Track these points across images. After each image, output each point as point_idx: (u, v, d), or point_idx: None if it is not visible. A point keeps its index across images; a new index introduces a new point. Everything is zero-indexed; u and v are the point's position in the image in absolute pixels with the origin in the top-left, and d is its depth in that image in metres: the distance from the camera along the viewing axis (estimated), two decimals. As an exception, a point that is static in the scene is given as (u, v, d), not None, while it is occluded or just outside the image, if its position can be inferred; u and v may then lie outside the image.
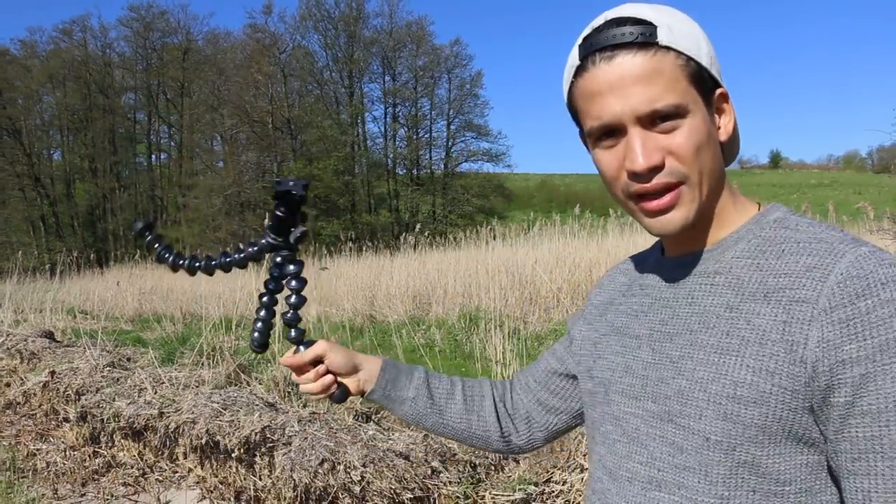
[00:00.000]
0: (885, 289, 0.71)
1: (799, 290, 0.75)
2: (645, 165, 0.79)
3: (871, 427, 0.71)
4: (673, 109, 0.79)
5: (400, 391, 1.12)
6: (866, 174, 69.05)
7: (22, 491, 3.93)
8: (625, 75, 0.79)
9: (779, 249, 0.81)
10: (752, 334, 0.77)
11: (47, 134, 44.72)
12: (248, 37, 43.16)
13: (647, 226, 0.85)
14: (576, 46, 0.85)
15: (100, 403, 5.25)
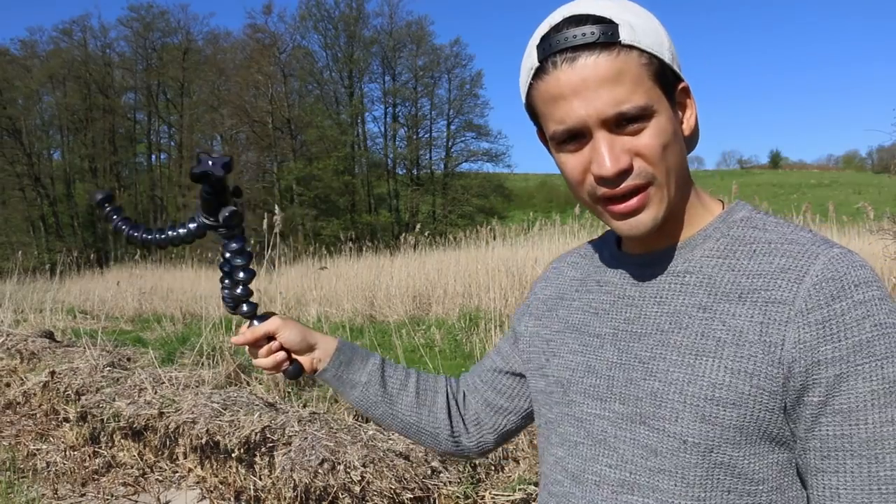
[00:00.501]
0: (858, 290, 0.73)
1: (775, 291, 0.76)
2: (613, 170, 0.77)
3: (842, 426, 0.73)
4: (639, 111, 0.77)
5: (353, 374, 1.09)
6: (866, 174, 69.01)
7: (22, 491, 3.93)
8: (588, 78, 0.76)
9: (750, 249, 0.81)
10: (728, 335, 0.77)
11: (47, 134, 44.70)
12: (248, 37, 43.18)
13: (615, 228, 0.83)
14: (533, 47, 0.81)
15: (100, 403, 5.25)
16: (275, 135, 40.69)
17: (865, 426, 0.72)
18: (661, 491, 0.80)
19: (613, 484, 0.84)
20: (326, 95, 45.24)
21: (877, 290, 0.74)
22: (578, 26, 0.77)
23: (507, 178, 50.48)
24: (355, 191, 42.43)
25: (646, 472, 0.81)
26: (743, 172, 74.79)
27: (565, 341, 0.94)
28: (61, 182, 43.84)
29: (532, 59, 0.81)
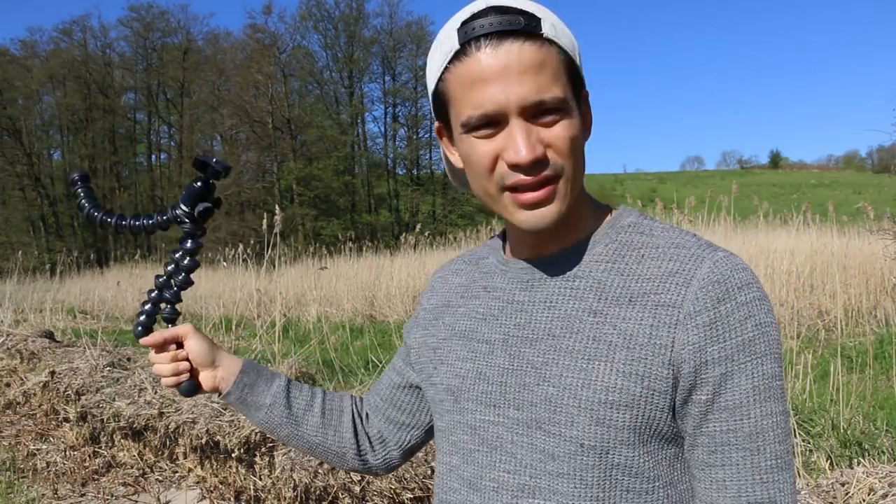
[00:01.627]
0: (741, 292, 0.77)
1: (664, 295, 0.78)
2: (530, 157, 0.77)
3: (728, 421, 0.77)
4: (557, 103, 0.78)
5: (257, 397, 1.07)
6: (866, 174, 69.00)
7: (22, 491, 3.93)
8: (512, 63, 0.76)
9: (638, 254, 0.83)
10: (619, 339, 0.79)
11: (47, 134, 44.69)
12: (248, 37, 43.15)
13: (519, 220, 0.82)
14: (452, 30, 0.80)
15: (100, 403, 5.24)
16: (275, 135, 40.68)
17: (749, 420, 0.76)
18: (560, 494, 0.81)
19: (513, 489, 0.84)
20: (326, 95, 45.24)
21: (757, 292, 0.78)
22: (504, 14, 0.77)
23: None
24: (355, 191, 42.41)
25: (545, 476, 0.82)
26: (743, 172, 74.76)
27: (452, 348, 0.93)
28: (61, 182, 43.80)
29: (451, 41, 0.79)
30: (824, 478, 3.06)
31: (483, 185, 0.83)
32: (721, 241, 9.29)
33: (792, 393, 4.10)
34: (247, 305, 9.26)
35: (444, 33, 0.82)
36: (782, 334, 7.10)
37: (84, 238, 41.01)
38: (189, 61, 45.05)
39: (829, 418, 3.81)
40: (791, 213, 10.25)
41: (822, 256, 8.75)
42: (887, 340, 6.58)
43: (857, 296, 8.34)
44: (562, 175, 0.80)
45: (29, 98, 41.98)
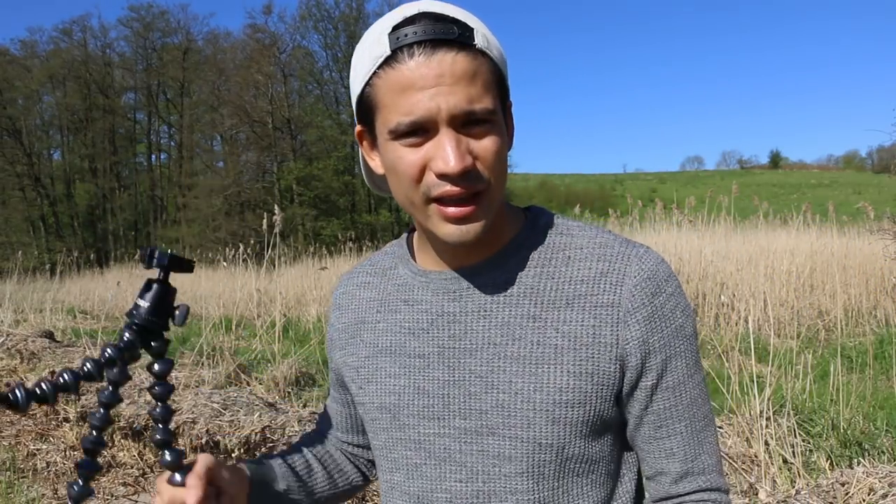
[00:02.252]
0: (668, 284, 0.84)
1: (600, 296, 0.83)
2: (460, 167, 0.75)
3: (670, 399, 0.84)
4: (487, 114, 0.77)
5: (274, 486, 0.97)
6: (866, 174, 69.01)
7: (22, 491, 3.93)
8: (445, 72, 0.75)
9: (564, 256, 0.86)
10: (564, 342, 0.82)
11: (47, 134, 44.68)
12: (248, 37, 43.14)
13: (444, 233, 0.80)
14: (382, 34, 0.78)
15: (100, 403, 5.24)
16: (275, 135, 40.67)
17: (686, 394, 0.85)
18: (518, 492, 0.84)
19: (468, 497, 0.85)
20: (326, 95, 45.19)
21: (676, 280, 0.86)
22: (437, 22, 0.76)
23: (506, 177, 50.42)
24: (355, 191, 42.38)
25: (500, 479, 0.84)
26: (743, 172, 74.78)
27: (379, 365, 0.91)
28: (61, 182, 43.82)
29: (381, 47, 0.78)
30: (824, 478, 3.06)
31: (408, 194, 0.81)
32: (721, 241, 9.30)
33: (792, 393, 4.10)
34: (247, 305, 9.26)
35: (373, 37, 0.80)
36: (782, 334, 7.10)
37: (84, 238, 41.02)
38: (189, 61, 45.04)
39: (829, 418, 3.81)
40: (791, 213, 10.25)
41: (822, 256, 8.75)
42: (887, 340, 6.58)
43: (857, 296, 8.34)
44: (488, 188, 0.79)
45: (29, 98, 41.98)
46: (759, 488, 3.20)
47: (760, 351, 5.55)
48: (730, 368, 4.07)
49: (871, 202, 9.39)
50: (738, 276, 8.19)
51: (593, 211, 14.26)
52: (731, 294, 7.80)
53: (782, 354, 4.88)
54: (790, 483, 3.26)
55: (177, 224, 40.57)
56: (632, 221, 11.00)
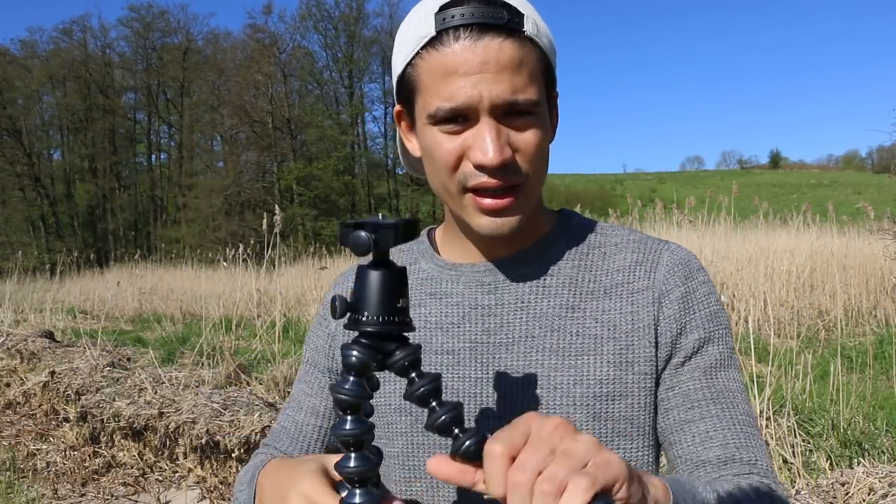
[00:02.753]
0: (700, 273, 0.85)
1: (636, 283, 0.83)
2: (498, 160, 0.73)
3: (701, 380, 0.80)
4: (531, 105, 0.75)
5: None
6: (866, 174, 69.02)
7: (22, 491, 3.93)
8: (490, 59, 0.72)
9: (600, 252, 0.86)
10: (604, 331, 0.80)
11: (47, 134, 44.67)
12: (248, 37, 43.15)
13: (479, 224, 0.78)
14: (429, 14, 0.75)
15: (100, 403, 5.24)
16: (275, 135, 40.66)
17: (718, 381, 0.81)
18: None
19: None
20: (326, 95, 45.21)
21: (708, 275, 0.86)
22: (486, 4, 0.73)
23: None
24: (355, 191, 42.39)
25: None
26: (743, 172, 74.80)
27: None
28: (61, 182, 43.81)
29: (426, 27, 0.75)
30: (824, 478, 3.06)
31: (443, 181, 0.78)
32: (721, 241, 9.29)
33: (792, 393, 4.09)
34: (247, 305, 9.25)
35: (419, 15, 0.76)
36: (782, 334, 7.10)
37: (84, 238, 41.02)
38: (189, 61, 45.03)
39: (829, 418, 3.81)
40: (791, 213, 10.24)
41: (822, 256, 8.75)
42: (887, 340, 6.58)
43: (857, 296, 8.33)
44: (526, 181, 0.77)
45: (29, 98, 41.97)
46: (759, 488, 3.19)
47: (760, 351, 5.54)
48: (730, 368, 4.06)
49: (871, 202, 9.39)
50: (738, 276, 8.19)
51: (593, 211, 14.26)
52: (731, 294, 7.80)
53: (782, 354, 4.88)
54: (790, 483, 3.26)
55: (177, 224, 40.56)
56: (632, 221, 10.99)
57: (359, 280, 0.59)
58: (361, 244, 0.57)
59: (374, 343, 0.58)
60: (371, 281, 0.59)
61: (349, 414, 0.58)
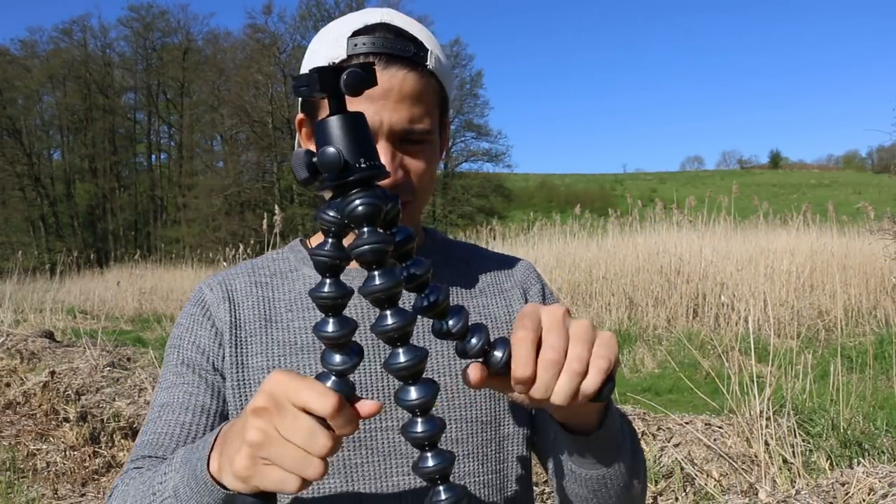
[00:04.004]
0: (542, 277, 1.02)
1: (503, 283, 0.97)
2: (391, 183, 0.80)
3: None
4: (424, 135, 0.82)
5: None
6: (866, 174, 69.04)
7: (22, 491, 3.93)
8: (394, 88, 0.78)
9: (465, 262, 0.98)
10: (489, 322, 0.92)
11: (47, 134, 44.68)
12: (248, 37, 43.15)
13: None
14: (342, 37, 0.79)
15: (100, 403, 5.25)
16: (275, 135, 40.67)
17: None
18: (466, 476, 0.86)
19: (415, 489, 0.84)
20: (326, 95, 45.28)
21: None
22: (395, 36, 0.79)
23: (507, 178, 50.46)
24: (355, 191, 42.46)
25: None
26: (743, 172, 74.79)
27: (300, 364, 0.85)
28: (61, 182, 43.82)
29: (338, 49, 0.79)
30: (824, 478, 3.06)
31: None
32: (721, 241, 9.30)
33: (792, 393, 4.10)
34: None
35: (331, 37, 0.81)
36: (782, 334, 7.10)
37: (84, 238, 41.03)
38: (189, 61, 45.04)
39: (829, 418, 3.81)
40: (791, 213, 10.25)
41: (822, 256, 8.75)
42: (887, 340, 6.58)
43: (857, 296, 8.34)
44: (414, 200, 0.85)
45: (29, 98, 41.98)
46: (759, 488, 3.20)
47: (760, 351, 5.54)
48: (730, 368, 4.07)
49: (871, 202, 9.39)
50: (738, 276, 8.19)
51: (593, 211, 14.25)
52: (731, 294, 7.80)
53: (782, 354, 4.88)
54: (790, 483, 3.26)
55: (177, 224, 40.57)
56: (632, 221, 10.99)
57: (342, 129, 0.55)
58: (352, 83, 0.54)
59: (374, 192, 0.55)
60: (359, 123, 0.56)
61: (375, 269, 0.55)
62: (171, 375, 0.88)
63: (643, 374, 6.63)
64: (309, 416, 0.54)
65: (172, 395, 0.87)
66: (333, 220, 0.56)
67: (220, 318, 0.89)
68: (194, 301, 0.92)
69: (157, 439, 0.84)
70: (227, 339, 0.88)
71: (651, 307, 8.70)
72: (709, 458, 3.59)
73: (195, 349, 0.88)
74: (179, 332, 0.91)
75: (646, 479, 0.86)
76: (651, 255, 9.23)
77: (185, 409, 0.86)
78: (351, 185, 0.55)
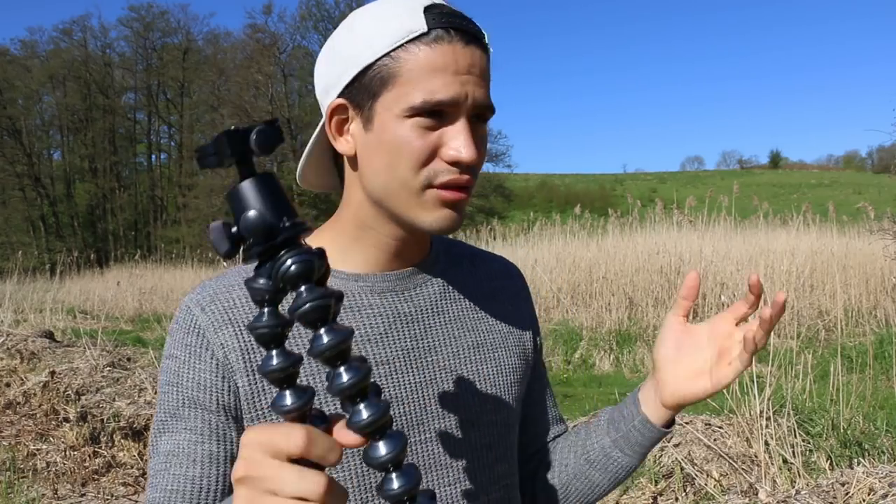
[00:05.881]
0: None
1: (508, 288, 0.97)
2: (474, 157, 0.76)
3: (540, 369, 1.02)
4: (490, 114, 0.81)
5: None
6: (866, 174, 69.02)
7: (22, 491, 3.93)
8: (475, 65, 0.77)
9: (469, 262, 0.96)
10: (503, 326, 0.93)
11: (47, 134, 44.69)
12: (248, 37, 43.14)
13: (437, 216, 0.78)
14: (416, 10, 0.76)
15: (100, 403, 5.24)
16: (275, 135, 40.74)
17: (543, 369, 1.03)
18: (500, 478, 0.87)
19: (459, 498, 0.83)
20: (326, 95, 45.27)
21: None
22: (465, 17, 0.79)
23: (507, 178, 50.45)
24: (355, 191, 42.45)
25: (485, 470, 0.86)
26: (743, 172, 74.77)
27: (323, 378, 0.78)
28: (61, 182, 43.82)
29: (414, 21, 0.75)
30: (824, 478, 3.06)
31: (404, 177, 0.77)
32: (721, 241, 9.30)
33: (792, 393, 4.10)
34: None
35: (401, 9, 0.76)
36: (782, 334, 7.10)
37: (84, 238, 41.02)
38: (189, 61, 45.05)
39: (829, 418, 3.81)
40: (791, 213, 10.25)
41: (822, 256, 8.75)
42: (887, 340, 6.58)
43: (857, 296, 8.34)
44: (474, 183, 0.82)
45: (29, 98, 41.99)
46: (759, 488, 3.20)
47: (760, 351, 5.54)
48: (730, 368, 4.06)
49: (871, 202, 9.40)
50: (738, 276, 8.19)
51: (593, 211, 14.24)
52: (731, 294, 7.80)
53: (782, 354, 4.88)
54: (790, 483, 3.26)
55: (177, 224, 40.56)
56: (632, 221, 10.99)
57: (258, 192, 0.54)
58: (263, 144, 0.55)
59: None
60: (272, 182, 0.55)
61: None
62: (172, 420, 0.79)
63: (643, 375, 6.63)
64: (289, 462, 0.49)
65: (177, 444, 0.78)
66: (266, 287, 0.53)
67: (223, 344, 0.78)
68: (186, 327, 0.80)
69: (167, 497, 0.77)
70: (239, 367, 0.78)
71: (651, 307, 8.70)
72: (709, 458, 3.59)
73: (197, 387, 0.78)
74: (176, 365, 0.79)
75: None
76: (651, 255, 9.23)
77: (193, 462, 0.77)
78: (279, 246, 0.53)
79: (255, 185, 0.55)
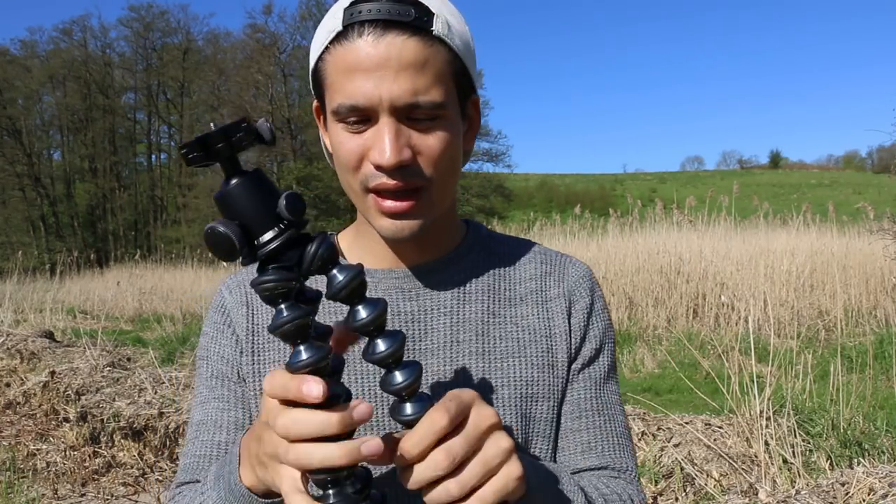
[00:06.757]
0: (598, 287, 0.90)
1: (547, 291, 0.86)
2: (394, 161, 0.70)
3: (592, 389, 0.85)
4: (433, 107, 0.72)
5: None
6: (866, 174, 69.05)
7: (22, 491, 3.93)
8: (392, 57, 0.70)
9: (509, 261, 0.88)
10: (525, 335, 0.83)
11: (47, 134, 44.69)
12: (248, 37, 43.13)
13: (380, 226, 0.76)
14: (340, 9, 0.74)
15: (100, 403, 5.25)
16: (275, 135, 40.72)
17: (605, 392, 0.86)
18: None
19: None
20: (326, 95, 45.30)
21: (602, 290, 0.91)
22: (396, 2, 0.71)
23: (507, 178, 50.42)
24: (355, 191, 42.45)
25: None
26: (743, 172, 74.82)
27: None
28: (61, 182, 43.81)
29: (335, 21, 0.74)
30: (824, 478, 3.06)
31: (347, 180, 0.76)
32: (721, 241, 9.30)
33: (792, 393, 4.10)
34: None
35: (333, 10, 0.76)
36: (782, 334, 7.10)
37: (84, 238, 41.01)
38: (189, 61, 45.04)
39: (829, 418, 3.81)
40: (791, 213, 10.25)
41: (822, 256, 8.75)
42: (887, 340, 6.58)
43: (857, 296, 8.33)
44: (429, 186, 0.74)
45: (29, 98, 41.97)
46: (759, 488, 3.20)
47: (760, 351, 5.54)
48: (730, 368, 4.07)
49: (871, 202, 9.40)
50: (738, 276, 8.19)
51: (593, 211, 14.25)
52: (731, 294, 7.80)
53: (782, 354, 4.88)
54: (790, 483, 3.26)
55: (177, 224, 40.55)
56: (632, 221, 10.99)
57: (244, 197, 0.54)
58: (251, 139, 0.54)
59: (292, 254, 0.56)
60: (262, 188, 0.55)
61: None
62: (204, 389, 0.87)
63: (643, 375, 6.63)
64: (308, 407, 0.54)
65: (206, 413, 0.86)
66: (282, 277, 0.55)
67: (238, 323, 0.85)
68: (216, 306, 0.88)
69: (196, 463, 0.83)
70: (245, 346, 0.84)
71: (651, 307, 8.70)
72: (709, 458, 3.59)
73: (221, 360, 0.86)
74: (206, 341, 0.88)
75: None
76: (651, 255, 9.22)
77: (219, 428, 0.84)
78: (267, 259, 0.54)
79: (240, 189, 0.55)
